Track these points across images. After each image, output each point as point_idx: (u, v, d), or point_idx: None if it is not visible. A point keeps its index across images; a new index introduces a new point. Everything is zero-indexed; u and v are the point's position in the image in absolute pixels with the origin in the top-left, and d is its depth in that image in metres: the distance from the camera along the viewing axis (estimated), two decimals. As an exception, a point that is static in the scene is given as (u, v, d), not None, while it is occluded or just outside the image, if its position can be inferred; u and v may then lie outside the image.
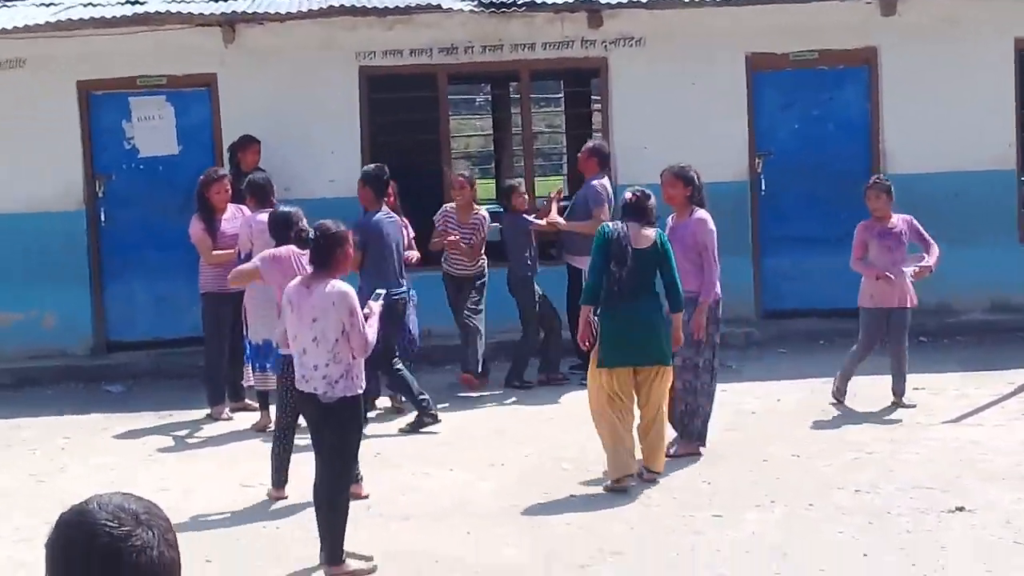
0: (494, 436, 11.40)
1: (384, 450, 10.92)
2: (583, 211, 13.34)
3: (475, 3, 14.90)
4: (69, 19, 14.65)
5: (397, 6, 14.84)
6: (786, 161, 15.36)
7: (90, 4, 16.18)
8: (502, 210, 14.00)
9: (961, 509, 8.92)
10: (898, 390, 11.90)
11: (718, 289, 10.51)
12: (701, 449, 10.54)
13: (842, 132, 15.47)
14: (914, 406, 11.75)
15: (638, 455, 9.88)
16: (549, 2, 14.93)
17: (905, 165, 15.20)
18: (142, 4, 15.83)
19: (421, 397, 11.70)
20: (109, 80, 15.04)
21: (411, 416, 11.87)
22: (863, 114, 15.47)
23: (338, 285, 8.19)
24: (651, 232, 9.88)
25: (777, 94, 15.47)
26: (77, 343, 15.00)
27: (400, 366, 11.82)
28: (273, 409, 10.61)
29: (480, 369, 13.21)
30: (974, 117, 15.22)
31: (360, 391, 8.34)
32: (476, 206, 13.49)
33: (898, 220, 12.02)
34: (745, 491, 9.57)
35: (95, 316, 15.03)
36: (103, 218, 15.00)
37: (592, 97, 21.15)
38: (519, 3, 14.83)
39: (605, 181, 13.52)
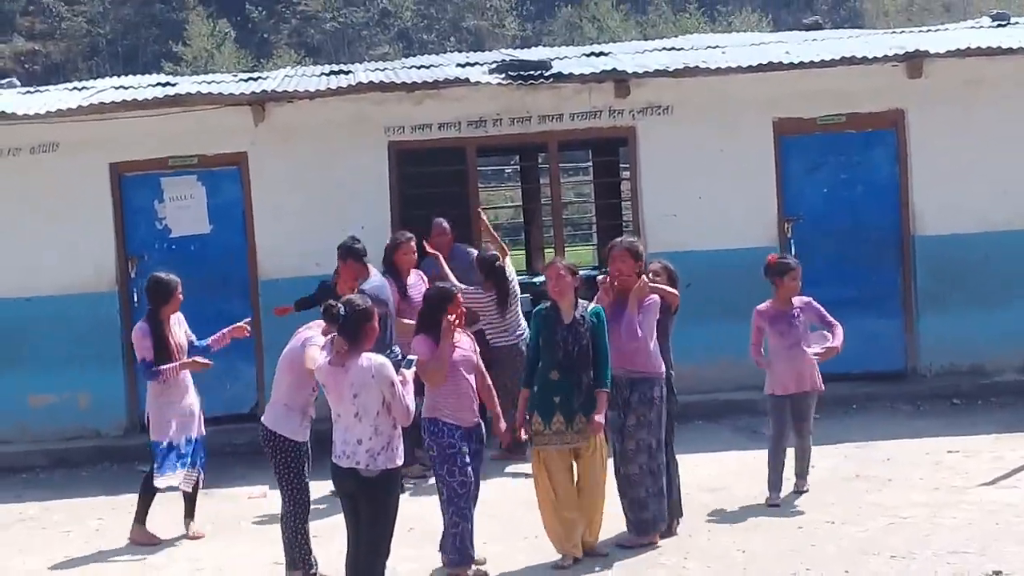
0: (527, 508, 11.34)
1: (418, 525, 10.87)
2: None
3: (503, 76, 14.99)
4: (101, 102, 14.85)
5: (426, 81, 14.97)
6: (815, 225, 15.36)
7: (121, 87, 16.42)
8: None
9: (998, 574, 8.83)
10: (799, 473, 11.36)
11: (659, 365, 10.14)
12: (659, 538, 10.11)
13: (871, 195, 15.45)
14: (807, 490, 11.31)
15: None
16: (577, 73, 15.02)
17: (934, 226, 15.21)
18: (173, 86, 16.03)
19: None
20: (141, 161, 15.17)
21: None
22: (892, 176, 15.46)
23: (375, 358, 8.28)
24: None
25: (805, 158, 15.48)
26: (111, 423, 15.05)
27: None
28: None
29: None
30: (1002, 177, 15.22)
31: (399, 463, 8.40)
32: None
33: (796, 302, 11.35)
34: (780, 559, 9.50)
35: (128, 396, 15.07)
36: (136, 298, 15.07)
37: (621, 165, 21.18)
38: (546, 75, 14.92)
39: None
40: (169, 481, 10.96)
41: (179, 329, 11.28)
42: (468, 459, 9.34)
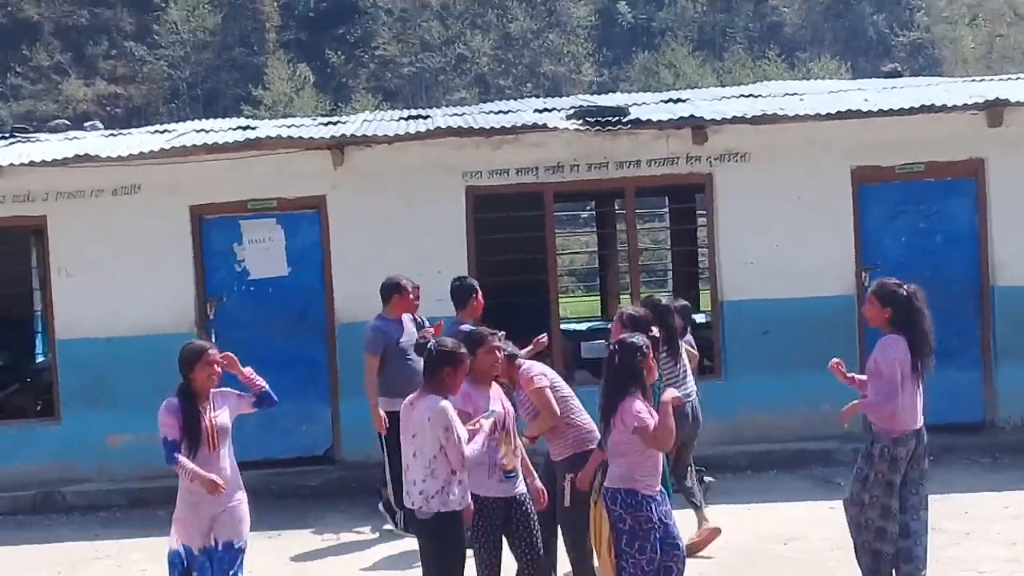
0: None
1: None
2: None
3: (580, 122, 15.04)
4: (183, 145, 15.03)
5: (504, 126, 15.04)
6: (893, 274, 15.04)
7: (202, 130, 16.61)
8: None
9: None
10: None
11: (894, 425, 9.40)
12: None
13: (950, 244, 15.33)
14: None
15: None
16: (654, 119, 15.04)
17: (1014, 277, 15.07)
18: (253, 129, 16.19)
19: None
20: (221, 204, 15.32)
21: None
22: (971, 226, 15.34)
23: (437, 402, 8.14)
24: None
25: (883, 207, 15.38)
26: (189, 463, 15.12)
27: None
28: None
29: None
30: (1085, 227, 15.07)
31: (458, 508, 8.20)
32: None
33: None
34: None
35: (206, 436, 15.15)
36: (214, 339, 15.16)
37: (697, 212, 21.17)
38: (624, 121, 14.95)
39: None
40: None
41: (224, 407, 8.96)
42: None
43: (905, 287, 9.48)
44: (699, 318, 17.68)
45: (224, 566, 8.66)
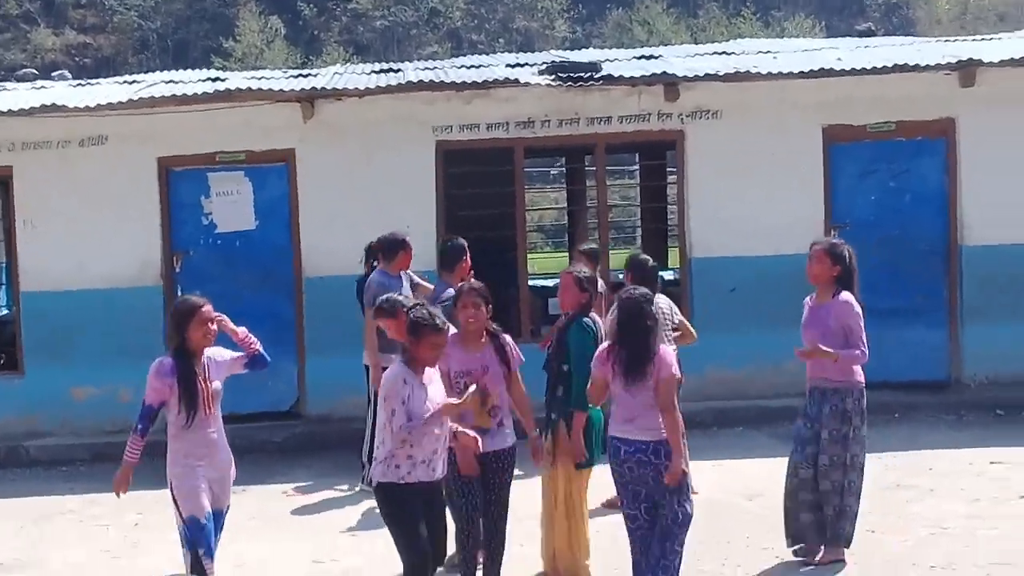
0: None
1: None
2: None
3: (552, 77, 14.97)
4: (151, 96, 14.89)
5: (475, 81, 14.97)
6: (863, 233, 15.20)
7: (171, 81, 16.48)
8: None
9: (1042, 587, 8.76)
10: None
11: (860, 377, 9.51)
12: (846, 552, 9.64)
13: (919, 203, 15.35)
14: None
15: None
16: (627, 76, 14.98)
17: (984, 236, 15.09)
18: (223, 81, 16.08)
19: None
20: (189, 156, 15.22)
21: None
22: (941, 185, 15.35)
23: (391, 371, 7.94)
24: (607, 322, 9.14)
25: (854, 166, 15.39)
26: (153, 417, 15.07)
27: None
28: None
29: None
30: (1053, 188, 15.10)
31: (400, 481, 7.77)
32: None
33: None
34: (821, 570, 9.42)
35: (172, 390, 15.10)
36: (180, 293, 15.11)
37: (668, 169, 21.14)
38: (596, 77, 14.89)
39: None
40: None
41: (218, 368, 8.51)
42: None
43: (847, 246, 9.59)
44: (667, 275, 17.66)
45: (217, 531, 8.46)
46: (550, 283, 18.42)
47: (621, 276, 12.03)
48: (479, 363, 8.65)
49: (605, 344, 8.49)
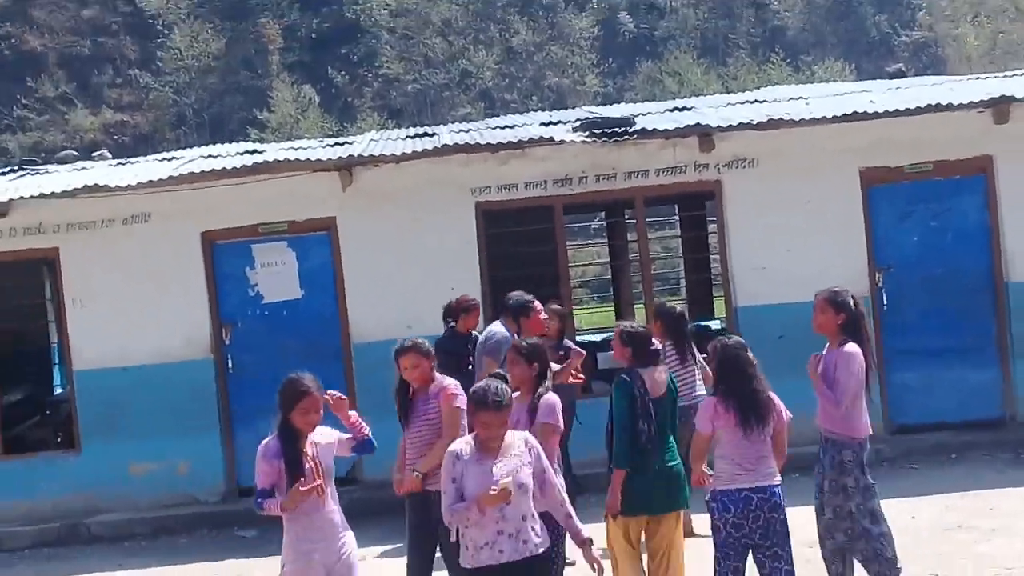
0: None
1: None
2: None
3: (587, 134, 15.04)
4: (192, 172, 15.05)
5: (510, 141, 15.05)
6: (907, 274, 15.24)
7: (210, 156, 16.65)
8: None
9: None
10: None
11: (861, 432, 9.54)
12: None
13: (962, 242, 15.33)
14: None
15: None
16: (661, 129, 15.05)
17: (1028, 271, 15.04)
18: (261, 153, 16.22)
19: None
20: (231, 229, 15.37)
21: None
22: (982, 222, 15.33)
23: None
24: (663, 374, 9.13)
25: (893, 207, 15.38)
26: (209, 490, 15.18)
27: None
28: None
29: None
30: (1096, 220, 15.04)
31: (461, 562, 7.47)
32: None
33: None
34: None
35: (226, 462, 15.21)
36: (230, 365, 15.24)
37: (707, 219, 21.17)
38: (630, 131, 14.95)
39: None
40: None
41: (326, 448, 8.15)
42: None
43: (852, 295, 9.68)
44: (714, 324, 17.65)
45: None
46: (598, 338, 18.46)
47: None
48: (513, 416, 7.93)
49: (710, 399, 8.58)
